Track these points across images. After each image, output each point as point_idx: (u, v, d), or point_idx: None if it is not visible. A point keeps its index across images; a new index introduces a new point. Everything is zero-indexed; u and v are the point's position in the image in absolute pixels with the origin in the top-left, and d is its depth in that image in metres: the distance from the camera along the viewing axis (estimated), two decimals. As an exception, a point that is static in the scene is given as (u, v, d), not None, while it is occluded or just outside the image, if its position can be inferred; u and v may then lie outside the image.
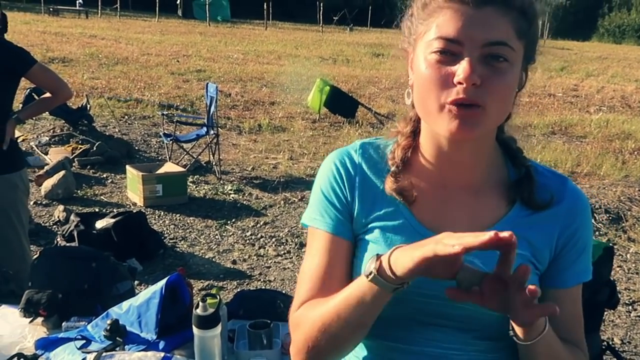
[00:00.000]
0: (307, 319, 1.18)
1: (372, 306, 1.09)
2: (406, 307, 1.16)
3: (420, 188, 1.21)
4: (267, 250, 5.48)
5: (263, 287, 4.61)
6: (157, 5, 37.16)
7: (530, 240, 1.17)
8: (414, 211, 1.20)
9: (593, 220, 6.38)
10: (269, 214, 6.38)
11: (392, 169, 1.23)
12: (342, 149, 1.28)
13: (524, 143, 1.28)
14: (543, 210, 1.18)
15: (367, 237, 1.21)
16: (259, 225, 6.06)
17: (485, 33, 1.05)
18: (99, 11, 37.40)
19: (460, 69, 1.04)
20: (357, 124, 10.94)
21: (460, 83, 1.04)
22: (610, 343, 3.91)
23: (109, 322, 2.10)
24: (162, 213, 6.27)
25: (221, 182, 7.39)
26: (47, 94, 3.54)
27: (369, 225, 1.21)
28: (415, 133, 1.24)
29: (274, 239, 5.70)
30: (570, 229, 1.19)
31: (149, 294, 2.19)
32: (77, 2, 37.90)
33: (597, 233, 6.17)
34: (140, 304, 2.19)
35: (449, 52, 1.06)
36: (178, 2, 42.96)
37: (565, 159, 8.98)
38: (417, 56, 1.12)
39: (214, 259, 5.24)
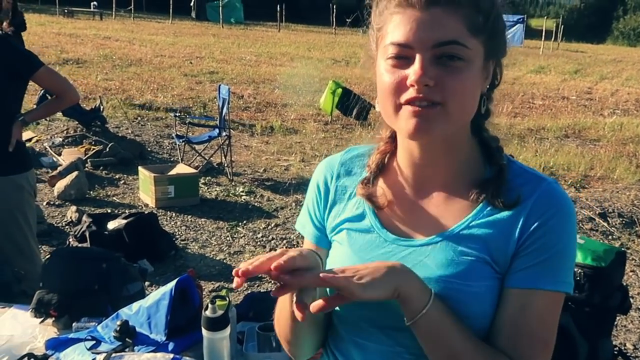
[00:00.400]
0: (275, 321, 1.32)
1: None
2: (357, 309, 1.16)
3: (392, 193, 1.23)
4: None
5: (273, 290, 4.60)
6: (171, 7, 37.31)
7: (486, 240, 1.12)
8: (381, 216, 1.22)
9: (606, 224, 6.33)
10: (280, 216, 6.39)
11: (366, 174, 1.26)
12: (331, 156, 1.34)
13: (536, 146, 1.25)
14: (508, 209, 1.12)
15: (335, 237, 1.27)
16: (270, 227, 6.07)
17: (434, 34, 1.04)
18: (113, 13, 37.60)
19: (412, 72, 1.05)
20: (369, 126, 10.93)
21: (412, 85, 1.05)
22: (623, 349, 3.88)
23: (118, 323, 2.11)
24: (174, 214, 6.29)
25: (233, 183, 7.40)
26: (55, 97, 3.56)
27: (338, 227, 1.26)
28: (393, 138, 1.25)
29: (285, 241, 5.71)
30: (530, 227, 1.10)
31: (158, 295, 2.19)
32: (92, 3, 38.13)
33: (610, 237, 6.12)
34: (150, 305, 2.20)
35: (403, 57, 1.07)
36: (192, 4, 43.11)
37: (579, 163, 8.93)
38: (378, 63, 1.14)
39: (224, 261, 5.25)
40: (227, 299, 2.03)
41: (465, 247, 1.13)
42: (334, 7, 39.96)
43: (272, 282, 4.54)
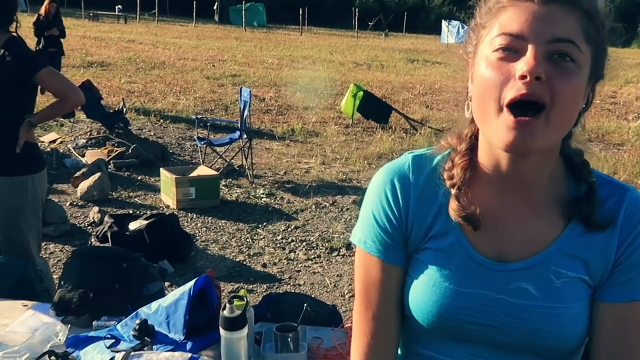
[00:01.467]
0: None
1: None
2: (456, 334, 1.15)
3: (478, 208, 1.14)
4: (298, 254, 5.50)
5: (292, 291, 4.62)
6: (195, 11, 37.58)
7: (586, 259, 1.11)
8: (468, 233, 1.14)
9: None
10: (300, 219, 6.40)
11: (454, 192, 1.14)
12: (394, 164, 1.21)
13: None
14: (603, 230, 1.10)
15: (421, 257, 1.18)
16: (290, 229, 6.09)
17: (552, 29, 0.99)
18: (138, 16, 37.96)
19: (524, 62, 0.98)
20: (391, 130, 10.92)
21: (523, 77, 0.98)
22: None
23: (138, 322, 2.13)
24: (195, 216, 6.33)
25: (253, 186, 7.43)
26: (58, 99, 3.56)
27: (424, 245, 1.18)
28: (472, 151, 1.16)
29: (304, 244, 5.72)
30: (626, 241, 1.10)
31: (177, 295, 2.21)
32: (117, 7, 38.57)
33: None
34: (169, 305, 2.21)
35: (513, 50, 1.01)
36: (215, 7, 43.39)
37: (602, 167, 8.83)
38: (478, 60, 1.07)
39: (244, 263, 5.27)
40: (245, 299, 2.03)
41: (564, 268, 1.10)
42: (357, 10, 39.97)
43: (292, 285, 4.56)
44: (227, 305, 1.92)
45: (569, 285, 1.10)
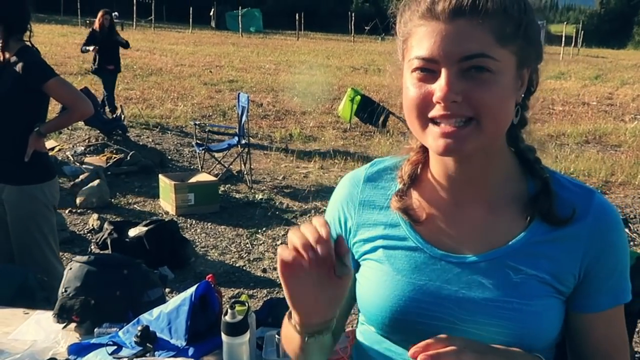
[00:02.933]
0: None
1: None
2: (410, 330, 1.12)
3: (429, 206, 1.16)
4: (298, 259, 5.49)
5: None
6: (191, 17, 37.63)
7: (551, 258, 1.09)
8: (421, 230, 1.15)
9: (628, 231, 6.26)
10: (299, 223, 6.40)
11: (399, 186, 1.18)
12: (353, 171, 1.28)
13: (556, 152, 1.21)
14: (564, 225, 1.09)
15: (371, 257, 1.18)
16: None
17: (460, 47, 0.99)
18: (134, 23, 37.97)
19: (438, 88, 1.00)
20: (388, 133, 10.93)
21: (438, 102, 1.01)
22: (645, 355, 3.84)
23: (139, 328, 2.13)
24: (194, 221, 6.33)
25: (252, 191, 7.44)
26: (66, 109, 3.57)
27: (372, 245, 1.19)
28: (425, 148, 1.18)
29: (304, 248, 5.71)
30: (596, 248, 1.09)
31: (178, 300, 2.22)
32: (113, 14, 38.56)
33: (632, 243, 6.06)
34: (170, 311, 2.22)
35: (428, 70, 1.02)
36: (211, 13, 43.44)
37: (599, 168, 8.85)
38: (404, 75, 1.10)
39: (244, 268, 5.28)
40: (247, 304, 2.04)
41: (523, 265, 1.08)
42: (353, 15, 40.04)
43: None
44: (229, 311, 1.92)
45: (527, 282, 1.08)
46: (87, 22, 35.44)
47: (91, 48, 10.45)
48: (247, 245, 5.77)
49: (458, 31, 1.00)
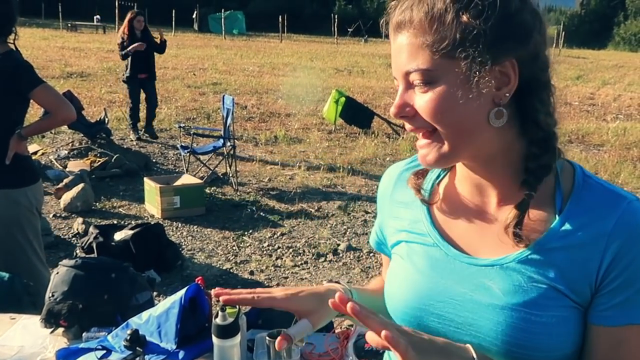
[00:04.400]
0: None
1: None
2: (423, 327, 1.11)
3: (451, 201, 1.17)
4: (285, 261, 5.49)
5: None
6: (174, 20, 37.48)
7: (562, 267, 1.02)
8: (441, 226, 1.15)
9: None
10: (285, 225, 6.39)
11: (423, 166, 1.13)
12: (395, 164, 1.32)
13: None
14: (518, 244, 1.05)
15: (396, 250, 1.21)
16: (276, 236, 6.08)
17: (403, 63, 1.03)
18: (117, 26, 37.73)
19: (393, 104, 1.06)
20: (373, 135, 10.94)
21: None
22: None
23: (129, 332, 2.11)
24: (180, 224, 6.30)
25: (238, 193, 7.42)
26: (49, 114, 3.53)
27: (397, 238, 1.21)
28: None
29: (291, 250, 5.71)
30: (616, 255, 1.00)
31: (168, 303, 2.20)
32: (95, 17, 38.36)
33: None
34: (160, 314, 2.21)
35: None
36: (194, 16, 43.30)
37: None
38: None
39: (231, 270, 5.25)
40: (237, 306, 2.03)
41: (535, 273, 1.03)
42: (335, 17, 40.11)
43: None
44: (219, 313, 1.91)
45: (539, 292, 1.02)
46: (69, 25, 35.28)
47: (138, 45, 9.39)
48: (234, 248, 5.75)
49: (399, 47, 1.03)
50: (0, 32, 3.27)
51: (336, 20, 39.68)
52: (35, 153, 8.34)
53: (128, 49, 9.38)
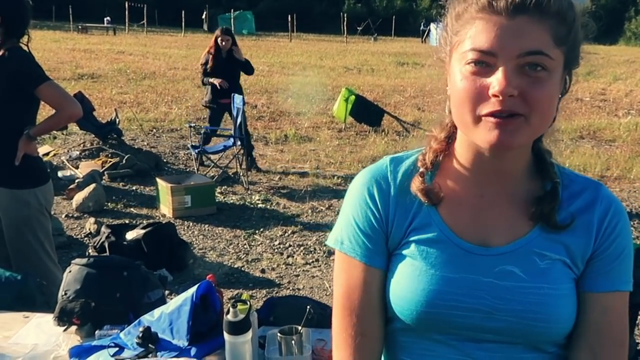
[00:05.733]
0: None
1: None
2: (444, 324, 1.14)
3: (453, 195, 1.18)
4: (296, 258, 5.50)
5: (295, 295, 4.62)
6: (183, 21, 37.60)
7: (567, 244, 1.14)
8: (449, 222, 1.17)
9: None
10: (297, 223, 6.40)
11: (421, 169, 1.20)
12: (372, 167, 1.24)
13: (551, 148, 1.24)
14: (561, 230, 1.14)
15: (404, 252, 1.19)
16: (287, 234, 6.09)
17: (520, 43, 1.02)
18: (127, 27, 37.93)
19: (495, 81, 1.02)
20: (383, 132, 10.94)
21: (495, 96, 1.02)
22: (645, 348, 3.84)
23: (141, 329, 2.13)
24: (191, 224, 6.32)
25: (249, 192, 7.43)
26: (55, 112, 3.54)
27: (405, 240, 1.19)
28: (449, 139, 1.21)
29: (302, 248, 5.72)
30: (604, 234, 1.15)
31: (180, 301, 2.21)
32: (105, 19, 38.53)
33: (629, 237, 6.08)
34: (172, 311, 2.22)
35: (484, 64, 1.04)
36: (203, 16, 43.40)
37: (595, 163, 8.88)
38: (453, 67, 1.10)
39: (242, 268, 5.27)
40: (248, 303, 2.04)
41: (546, 250, 1.13)
42: (345, 15, 40.09)
43: (291, 289, 4.56)
44: (231, 309, 1.92)
45: (553, 266, 1.13)
46: (80, 27, 35.45)
47: (217, 81, 8.16)
48: (245, 246, 5.76)
49: (518, 27, 1.02)
50: (12, 34, 3.29)
51: (345, 19, 39.66)
52: (47, 154, 8.40)
53: (210, 81, 8.29)
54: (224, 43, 8.20)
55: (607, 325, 1.15)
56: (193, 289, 2.21)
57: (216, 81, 8.13)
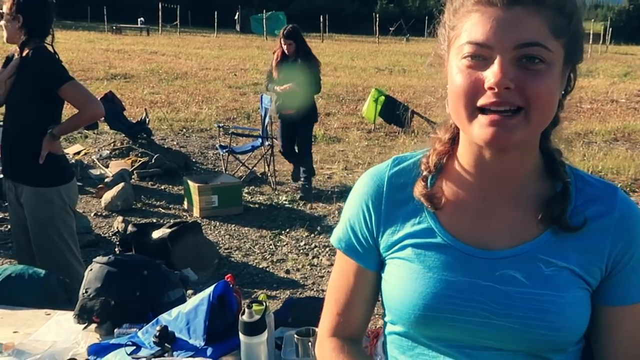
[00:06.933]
0: None
1: None
2: (443, 327, 1.12)
3: (456, 198, 1.16)
4: (321, 259, 5.48)
5: (313, 296, 4.61)
6: (216, 21, 37.86)
7: (579, 252, 1.09)
8: (449, 227, 1.14)
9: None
10: (323, 224, 6.39)
11: (424, 173, 1.18)
12: (373, 169, 1.25)
13: (584, 150, 1.21)
14: (573, 232, 1.09)
15: (400, 255, 1.17)
16: (313, 235, 6.08)
17: (516, 34, 0.99)
18: (160, 28, 38.30)
19: (491, 74, 0.99)
20: (413, 133, 10.87)
21: (491, 88, 0.99)
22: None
23: (158, 328, 2.13)
24: (218, 223, 6.35)
25: (276, 192, 7.44)
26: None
27: (400, 244, 1.17)
28: (453, 140, 1.18)
29: (327, 249, 5.70)
30: (623, 241, 1.10)
31: (197, 300, 2.21)
32: (139, 19, 38.98)
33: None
34: (189, 311, 2.22)
35: (480, 57, 1.02)
36: (236, 17, 43.66)
37: (628, 166, 8.70)
38: (450, 63, 1.08)
39: (267, 269, 5.27)
40: (264, 303, 2.03)
41: (553, 257, 1.09)
42: (377, 16, 39.99)
43: (315, 290, 4.53)
44: (246, 310, 1.91)
45: (559, 274, 1.08)
46: (114, 28, 35.91)
47: (280, 88, 7.15)
48: (271, 247, 5.77)
49: (514, 18, 1.00)
50: (37, 34, 3.33)
51: (377, 19, 39.55)
52: (78, 153, 8.51)
53: (274, 88, 7.29)
54: (288, 47, 7.32)
55: (628, 339, 1.12)
56: (210, 289, 2.21)
57: (283, 88, 7.17)
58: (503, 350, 1.10)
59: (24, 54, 3.33)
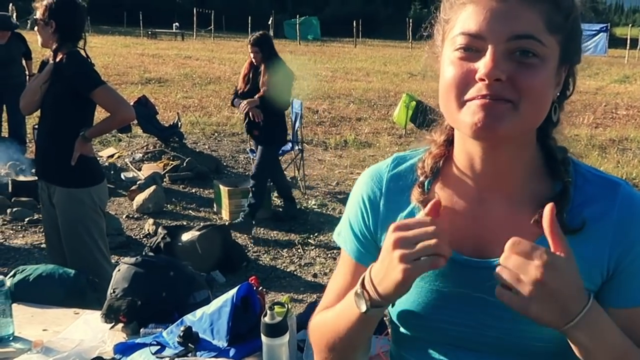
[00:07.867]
0: (317, 331, 1.29)
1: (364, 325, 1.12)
2: (437, 334, 1.12)
3: (452, 203, 1.12)
4: (349, 264, 5.48)
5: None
6: (250, 26, 38.08)
7: (578, 257, 1.00)
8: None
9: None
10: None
11: (420, 178, 1.15)
12: (373, 168, 1.23)
13: (618, 157, 1.16)
14: (572, 234, 1.02)
15: None
16: (341, 239, 6.07)
17: (510, 26, 0.96)
18: (194, 33, 38.72)
19: (482, 64, 0.97)
20: (444, 139, 10.81)
21: (482, 79, 0.97)
22: None
23: (182, 328, 2.17)
24: (247, 227, 6.38)
25: (305, 196, 7.46)
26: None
27: None
28: (449, 142, 1.15)
29: (355, 254, 5.70)
30: (623, 246, 1.04)
31: (220, 302, 2.24)
32: (174, 24, 39.47)
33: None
34: (213, 312, 2.24)
35: (473, 49, 0.99)
36: (270, 22, 43.91)
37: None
38: (443, 56, 1.06)
39: (295, 272, 5.29)
40: (287, 306, 2.04)
41: None
42: (410, 21, 39.86)
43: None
44: (268, 312, 1.93)
45: None
46: (149, 33, 36.40)
47: (244, 103, 6.35)
48: (299, 251, 5.79)
49: (509, 10, 0.97)
50: (68, 38, 3.41)
51: (411, 24, 39.42)
52: (111, 156, 8.64)
53: (240, 103, 6.47)
54: (254, 55, 6.48)
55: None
56: (234, 291, 2.24)
57: (243, 105, 6.40)
58: (498, 355, 1.09)
59: (57, 59, 3.41)
